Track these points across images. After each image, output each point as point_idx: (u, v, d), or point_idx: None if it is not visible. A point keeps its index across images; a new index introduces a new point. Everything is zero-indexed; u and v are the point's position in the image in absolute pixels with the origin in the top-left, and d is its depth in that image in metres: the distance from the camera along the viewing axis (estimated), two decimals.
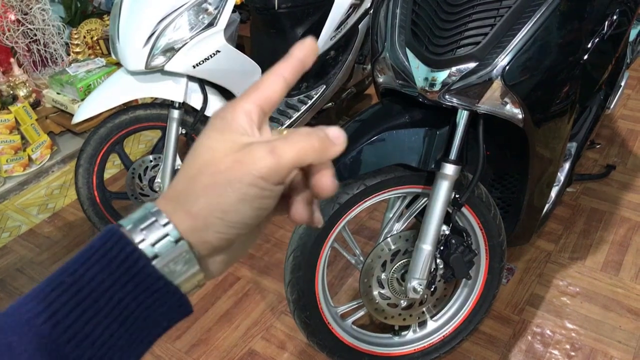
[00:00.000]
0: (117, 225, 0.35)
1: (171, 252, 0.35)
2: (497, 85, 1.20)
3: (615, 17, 1.57)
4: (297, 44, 0.39)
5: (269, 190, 0.35)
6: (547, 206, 1.71)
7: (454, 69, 1.20)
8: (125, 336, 0.34)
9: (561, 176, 1.81)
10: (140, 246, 0.34)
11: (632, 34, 2.07)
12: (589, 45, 1.43)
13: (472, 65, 1.19)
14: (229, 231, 0.35)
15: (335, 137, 0.37)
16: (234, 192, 0.34)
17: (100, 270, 0.33)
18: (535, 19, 1.18)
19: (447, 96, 1.24)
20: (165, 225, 0.35)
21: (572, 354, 1.68)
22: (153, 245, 0.34)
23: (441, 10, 1.20)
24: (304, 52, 0.39)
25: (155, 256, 0.34)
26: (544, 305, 1.83)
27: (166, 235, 0.35)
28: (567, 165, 1.84)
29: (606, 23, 1.54)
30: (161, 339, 0.38)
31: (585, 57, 1.38)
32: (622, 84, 2.07)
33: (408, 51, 1.28)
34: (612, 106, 2.01)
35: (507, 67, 1.18)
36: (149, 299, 0.34)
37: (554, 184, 1.71)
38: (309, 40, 0.39)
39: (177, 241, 0.35)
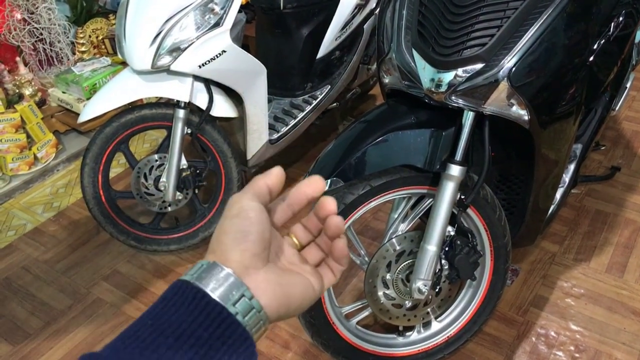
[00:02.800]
0: (180, 279, 0.43)
1: (211, 276, 0.43)
2: (504, 86, 1.20)
3: (621, 19, 1.57)
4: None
5: (246, 205, 0.47)
6: (552, 207, 1.71)
7: (460, 70, 1.21)
8: None
9: (566, 178, 1.81)
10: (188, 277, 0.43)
11: (638, 36, 2.06)
12: (595, 47, 1.43)
13: (478, 66, 1.19)
14: (238, 243, 0.44)
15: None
16: (222, 216, 0.47)
17: (176, 310, 0.41)
18: (541, 21, 1.18)
19: (453, 97, 1.24)
20: (201, 264, 0.44)
21: (577, 355, 1.68)
22: (200, 280, 0.43)
23: (448, 11, 1.20)
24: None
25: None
26: (548, 307, 1.83)
27: (200, 266, 0.44)
28: (572, 167, 1.84)
29: (612, 24, 1.54)
30: None
31: (591, 58, 1.38)
32: (628, 85, 2.06)
33: (414, 52, 1.28)
34: (617, 108, 2.01)
35: (514, 69, 1.19)
36: (217, 328, 0.40)
37: (559, 186, 1.71)
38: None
39: (206, 265, 0.44)
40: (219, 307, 0.41)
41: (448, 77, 1.22)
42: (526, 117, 1.26)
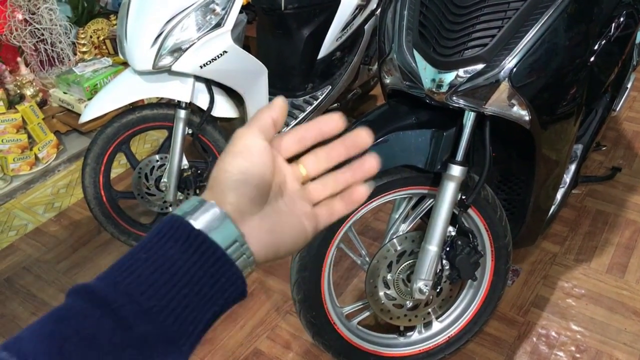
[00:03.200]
0: (174, 215, 0.42)
1: (206, 216, 0.42)
2: (505, 87, 1.20)
3: (621, 19, 1.57)
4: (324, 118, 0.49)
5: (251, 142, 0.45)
6: (552, 208, 1.71)
7: (461, 70, 1.21)
8: (190, 303, 0.40)
9: (567, 178, 1.81)
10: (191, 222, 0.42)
11: (639, 36, 2.06)
12: (596, 48, 1.43)
13: (479, 66, 1.20)
14: (238, 186, 0.43)
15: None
16: (226, 151, 0.45)
17: (171, 246, 0.40)
18: (542, 22, 1.18)
19: (454, 97, 1.24)
20: (200, 202, 0.43)
21: (577, 355, 1.68)
22: (195, 218, 0.42)
23: (449, 11, 1.20)
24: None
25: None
26: (549, 307, 1.83)
27: (197, 203, 0.43)
28: (572, 167, 1.84)
29: (613, 25, 1.54)
30: None
31: (592, 59, 1.38)
32: (628, 86, 2.07)
33: (415, 52, 1.28)
34: (618, 108, 2.01)
35: (515, 69, 1.19)
36: (211, 267, 0.40)
37: (560, 186, 1.71)
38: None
39: (202, 203, 0.42)
40: (214, 246, 0.41)
41: (449, 77, 1.22)
42: (527, 118, 1.27)
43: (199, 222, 0.41)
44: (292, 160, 0.49)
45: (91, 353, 0.36)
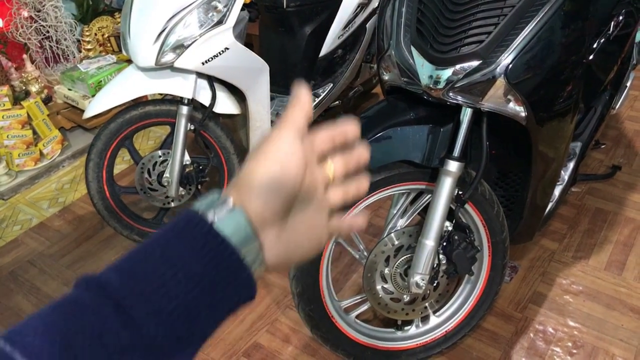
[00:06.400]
0: (194, 210, 0.41)
1: (229, 218, 0.41)
2: (501, 83, 1.22)
3: (621, 18, 1.58)
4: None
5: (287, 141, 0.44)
6: (550, 205, 1.73)
7: (458, 66, 1.22)
8: (201, 304, 0.39)
9: (565, 175, 1.83)
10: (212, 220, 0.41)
11: (638, 35, 2.07)
12: (594, 46, 1.44)
13: (475, 63, 1.21)
14: (266, 195, 0.42)
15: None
16: (260, 151, 0.43)
17: (187, 244, 0.39)
18: (538, 18, 1.20)
19: (451, 94, 1.25)
20: (224, 201, 0.42)
21: (574, 351, 1.69)
22: (217, 217, 0.41)
23: (446, 9, 1.22)
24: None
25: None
26: (547, 303, 1.85)
27: (222, 201, 0.42)
28: (571, 165, 1.85)
29: (612, 23, 1.56)
30: None
31: (590, 57, 1.40)
32: (628, 84, 2.08)
33: (413, 49, 1.30)
34: (617, 107, 2.02)
35: (511, 66, 1.20)
36: (225, 270, 0.40)
37: (558, 183, 1.72)
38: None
39: (226, 201, 0.41)
40: (230, 249, 0.40)
41: (446, 74, 1.24)
42: (523, 114, 1.28)
43: (218, 220, 0.40)
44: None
45: (97, 353, 0.35)
